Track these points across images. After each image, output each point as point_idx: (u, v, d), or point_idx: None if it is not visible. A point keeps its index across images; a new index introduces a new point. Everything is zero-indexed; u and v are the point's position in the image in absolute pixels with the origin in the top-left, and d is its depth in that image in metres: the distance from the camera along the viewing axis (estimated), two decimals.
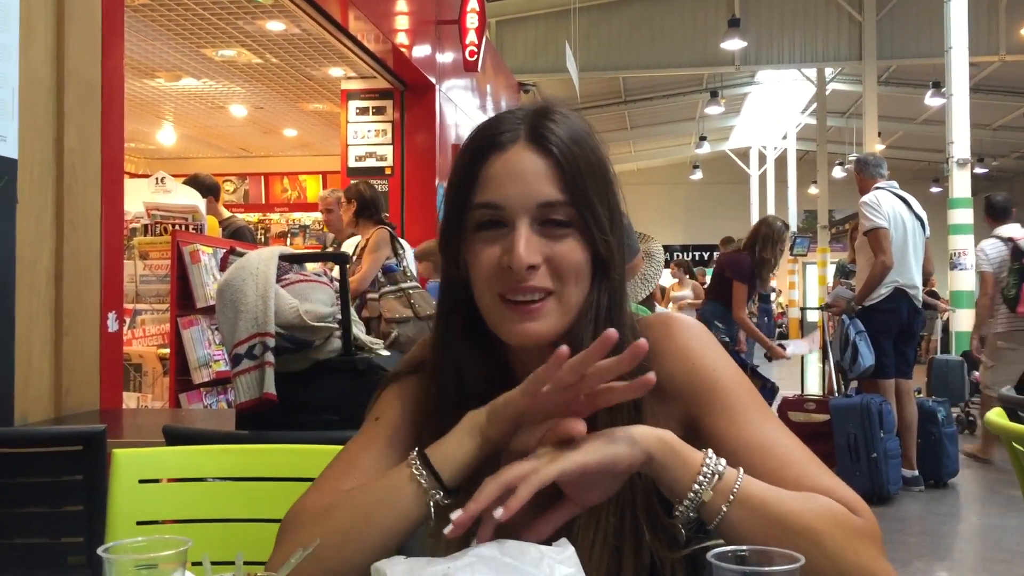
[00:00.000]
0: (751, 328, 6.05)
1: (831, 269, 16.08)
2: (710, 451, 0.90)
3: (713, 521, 0.88)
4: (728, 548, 0.79)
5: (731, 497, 0.87)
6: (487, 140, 1.00)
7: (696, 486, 0.88)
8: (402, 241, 5.05)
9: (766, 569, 0.75)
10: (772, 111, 24.52)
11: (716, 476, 0.88)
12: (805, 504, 0.90)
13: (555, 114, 1.02)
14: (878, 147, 17.52)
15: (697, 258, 25.62)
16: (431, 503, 0.93)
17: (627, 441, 0.88)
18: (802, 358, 10.31)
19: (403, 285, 4.49)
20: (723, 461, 0.90)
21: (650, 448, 0.88)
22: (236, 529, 1.44)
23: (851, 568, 0.88)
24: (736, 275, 5.88)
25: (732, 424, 0.99)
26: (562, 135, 1.00)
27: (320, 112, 10.04)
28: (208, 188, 5.57)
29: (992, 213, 6.59)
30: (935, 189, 23.10)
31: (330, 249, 6.10)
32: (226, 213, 5.99)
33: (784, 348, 6.24)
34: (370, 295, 4.54)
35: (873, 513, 0.94)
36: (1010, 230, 6.42)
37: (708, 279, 14.90)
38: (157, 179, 5.17)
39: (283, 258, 2.49)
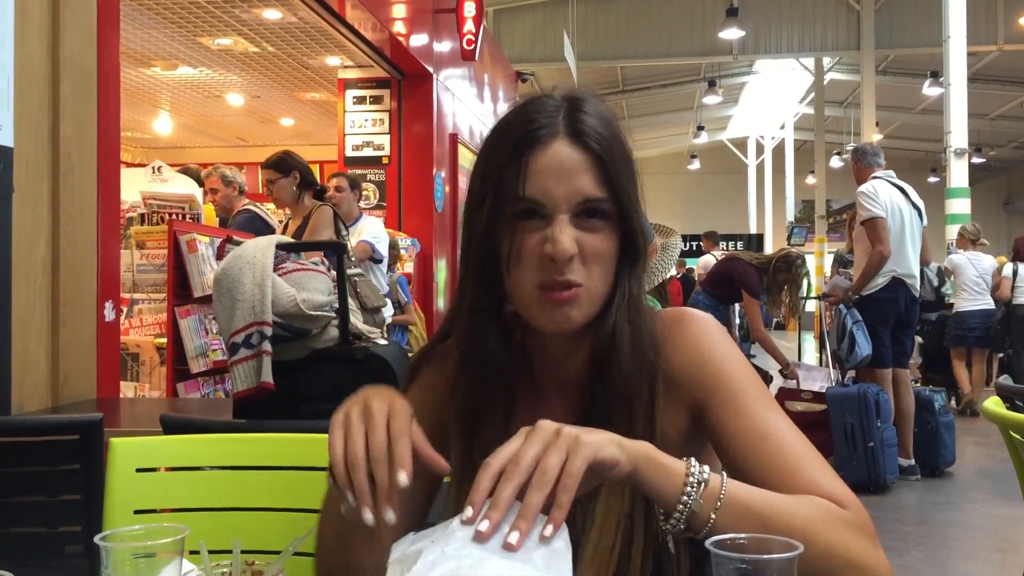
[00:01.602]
0: (771, 345, 6.11)
1: (829, 259, 16.09)
2: (692, 460, 0.89)
3: (703, 530, 0.86)
4: (727, 536, 0.78)
5: (718, 504, 0.87)
6: (527, 134, 1.01)
7: (685, 497, 0.86)
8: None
9: (764, 557, 0.75)
10: (770, 101, 24.50)
11: (702, 484, 0.87)
12: (793, 504, 0.90)
13: (587, 103, 1.03)
14: (876, 137, 17.52)
15: (694, 248, 25.62)
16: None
17: (618, 446, 0.85)
18: (799, 347, 10.34)
19: (348, 272, 4.28)
20: (706, 468, 0.88)
21: (636, 458, 0.86)
22: (233, 518, 1.44)
23: (842, 564, 0.88)
24: (748, 289, 5.98)
25: (736, 413, 1.02)
26: (599, 128, 1.02)
27: (317, 101, 10.02)
28: (200, 180, 5.55)
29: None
30: (933, 179, 23.10)
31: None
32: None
33: (799, 367, 6.29)
34: None
35: (870, 502, 0.95)
36: None
37: (692, 268, 14.96)
38: (154, 168, 5.16)
39: (280, 247, 2.49)
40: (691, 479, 0.87)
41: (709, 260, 11.67)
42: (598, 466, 0.82)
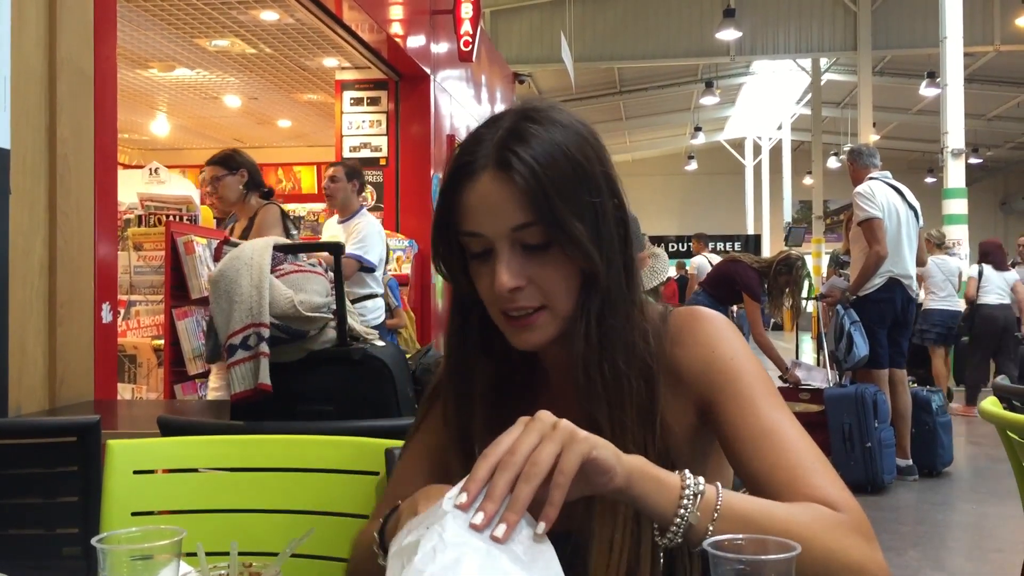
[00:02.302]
0: (771, 349, 6.16)
1: (826, 259, 16.10)
2: (687, 472, 0.89)
3: (700, 542, 0.83)
4: (724, 536, 0.78)
5: (715, 515, 0.86)
6: (460, 167, 1.04)
7: (682, 510, 0.86)
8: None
9: (761, 557, 0.75)
10: (767, 101, 24.53)
11: (698, 496, 0.86)
12: (790, 512, 0.90)
13: (529, 130, 1.02)
14: (873, 137, 17.54)
15: (691, 249, 25.63)
16: None
17: (614, 454, 0.85)
18: (796, 347, 10.34)
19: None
20: (701, 480, 0.88)
21: (631, 471, 0.85)
22: (231, 520, 1.44)
23: (840, 567, 0.88)
24: (749, 292, 6.01)
25: (742, 410, 1.02)
26: (530, 158, 1.00)
27: (314, 103, 10.01)
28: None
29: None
30: (930, 179, 23.13)
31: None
32: None
33: (798, 366, 6.33)
34: None
35: (867, 502, 0.95)
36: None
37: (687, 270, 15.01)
38: (151, 170, 5.16)
39: (277, 248, 2.49)
40: (687, 491, 0.86)
41: (702, 262, 11.72)
42: (591, 466, 0.81)
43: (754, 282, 6.04)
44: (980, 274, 8.59)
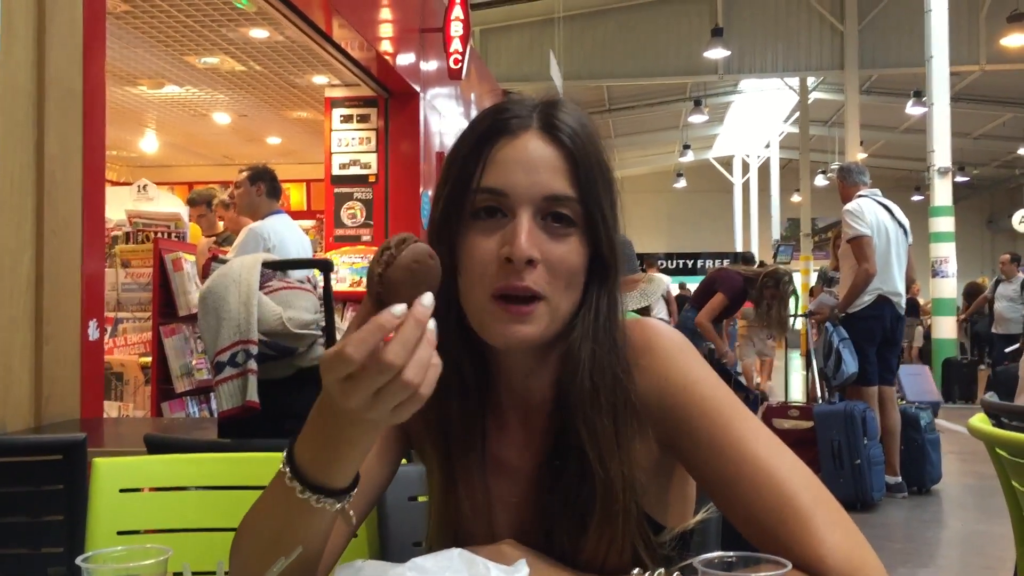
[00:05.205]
0: (711, 333, 6.37)
1: (814, 277, 16.16)
2: (634, 573, 0.89)
3: None
4: (715, 554, 0.78)
5: None
6: (497, 123, 0.95)
7: None
8: None
9: (752, 575, 0.75)
10: (755, 120, 24.66)
11: None
12: None
13: (566, 106, 0.98)
14: (860, 156, 17.65)
15: (680, 266, 25.68)
16: (335, 511, 0.87)
17: None
18: (785, 364, 10.35)
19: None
20: None
21: None
22: (218, 539, 1.43)
23: None
24: (723, 288, 6.10)
25: (708, 449, 0.94)
26: (574, 127, 0.95)
27: (304, 120, 10.01)
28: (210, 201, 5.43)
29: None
30: (916, 197, 23.26)
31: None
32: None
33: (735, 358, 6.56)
34: None
35: (856, 520, 0.92)
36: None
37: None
38: (139, 187, 5.15)
39: (266, 265, 2.48)
40: None
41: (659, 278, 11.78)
42: None
43: (736, 284, 6.21)
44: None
